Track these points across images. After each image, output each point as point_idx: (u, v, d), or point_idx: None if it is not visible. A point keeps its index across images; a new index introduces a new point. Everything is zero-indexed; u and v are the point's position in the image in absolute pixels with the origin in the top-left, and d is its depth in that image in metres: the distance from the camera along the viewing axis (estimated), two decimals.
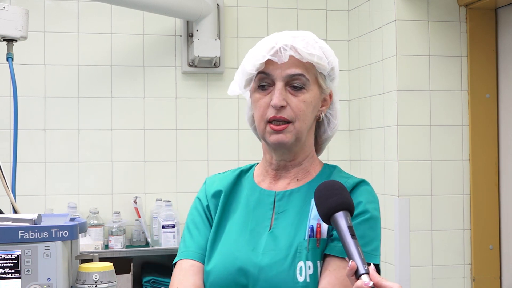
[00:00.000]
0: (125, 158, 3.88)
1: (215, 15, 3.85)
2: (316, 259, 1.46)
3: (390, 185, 3.47)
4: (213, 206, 1.61)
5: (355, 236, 1.27)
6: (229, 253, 1.51)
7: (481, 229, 3.44)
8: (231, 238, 1.54)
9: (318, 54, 1.49)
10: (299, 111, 1.49)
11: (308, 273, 1.44)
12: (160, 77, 3.95)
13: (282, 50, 1.48)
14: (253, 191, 1.59)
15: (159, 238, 3.64)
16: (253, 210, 1.56)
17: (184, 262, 1.56)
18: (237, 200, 1.60)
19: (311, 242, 1.47)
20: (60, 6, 3.85)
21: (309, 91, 1.51)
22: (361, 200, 1.50)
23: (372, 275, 1.22)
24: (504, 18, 3.45)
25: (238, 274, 1.48)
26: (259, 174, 1.63)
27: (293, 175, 1.58)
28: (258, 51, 1.51)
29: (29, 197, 3.71)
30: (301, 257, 1.45)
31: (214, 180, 1.66)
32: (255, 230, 1.53)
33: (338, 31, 4.11)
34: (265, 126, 1.51)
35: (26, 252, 1.41)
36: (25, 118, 3.72)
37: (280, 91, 1.48)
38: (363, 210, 1.49)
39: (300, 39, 1.50)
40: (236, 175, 1.64)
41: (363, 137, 3.87)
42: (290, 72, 1.49)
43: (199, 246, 1.56)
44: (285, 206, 1.54)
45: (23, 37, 2.38)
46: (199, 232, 1.59)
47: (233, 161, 3.95)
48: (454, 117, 3.47)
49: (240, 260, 1.49)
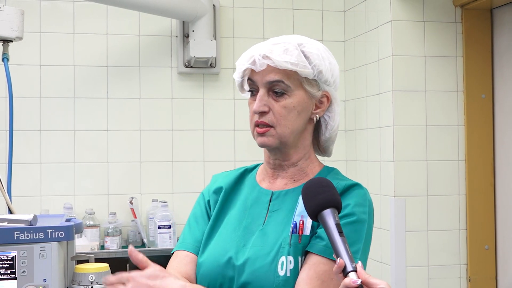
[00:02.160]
0: (121, 158, 3.88)
1: (211, 16, 3.85)
2: (298, 255, 1.49)
3: (386, 185, 3.47)
4: (213, 201, 1.68)
5: (342, 234, 1.28)
6: (221, 247, 1.57)
7: (477, 229, 3.44)
8: (225, 233, 1.60)
9: (293, 61, 1.53)
10: (279, 116, 1.55)
11: (289, 267, 1.48)
12: (156, 77, 3.95)
13: (257, 59, 1.54)
14: (253, 190, 1.65)
15: (155, 239, 3.64)
16: (250, 207, 1.62)
17: (180, 253, 1.64)
18: (237, 198, 1.66)
19: (293, 237, 1.51)
20: (55, 7, 3.85)
21: (292, 96, 1.55)
22: (349, 203, 1.52)
23: (360, 272, 1.23)
24: (499, 19, 3.46)
25: (226, 266, 1.54)
26: (260, 173, 1.68)
27: (290, 175, 1.62)
28: (241, 59, 1.60)
29: (25, 197, 3.70)
30: (283, 252, 1.50)
31: (218, 177, 1.74)
32: (248, 227, 1.58)
33: (334, 32, 4.12)
34: (254, 130, 1.59)
35: (21, 253, 1.40)
36: (21, 119, 3.72)
37: (261, 97, 1.56)
38: (349, 213, 1.51)
39: (280, 47, 1.55)
40: (240, 174, 1.71)
41: (359, 137, 3.87)
42: (269, 79, 1.54)
43: (196, 239, 1.64)
44: (279, 205, 1.59)
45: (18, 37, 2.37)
46: (198, 225, 1.66)
47: (229, 162, 3.95)
48: (449, 117, 3.47)
49: (230, 253, 1.55)
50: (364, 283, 1.22)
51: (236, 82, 1.64)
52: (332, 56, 1.61)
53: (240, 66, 1.59)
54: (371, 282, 1.22)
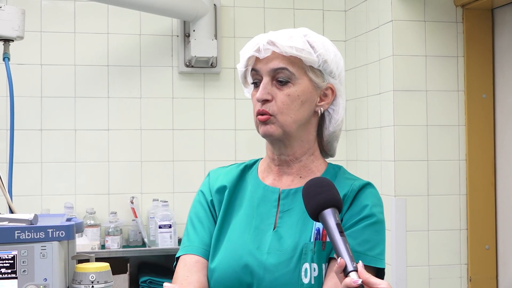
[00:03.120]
0: (121, 158, 3.88)
1: (211, 15, 3.85)
2: (322, 262, 1.47)
3: (387, 185, 3.47)
4: (217, 201, 1.61)
5: (343, 233, 1.28)
6: (234, 250, 1.52)
7: (477, 229, 3.44)
8: (235, 235, 1.54)
9: (299, 47, 1.50)
10: (282, 104, 1.51)
11: (313, 275, 1.46)
12: (157, 77, 3.95)
13: (262, 45, 1.52)
14: (257, 187, 1.60)
15: (156, 238, 3.64)
16: (257, 207, 1.57)
17: (188, 257, 1.56)
18: (242, 196, 1.60)
19: (317, 244, 1.47)
20: (56, 6, 3.85)
21: (295, 84, 1.52)
22: (367, 204, 1.50)
23: (361, 272, 1.23)
24: (500, 19, 3.46)
25: (243, 272, 1.49)
26: (263, 170, 1.63)
27: (295, 172, 1.58)
28: (245, 48, 1.57)
29: (26, 197, 3.70)
30: (306, 259, 1.46)
31: (218, 174, 1.66)
32: (259, 228, 1.53)
33: (335, 31, 4.12)
34: (256, 119, 1.55)
35: (22, 252, 1.40)
36: (22, 118, 3.72)
37: (264, 85, 1.52)
38: (369, 214, 1.49)
39: (285, 34, 1.53)
40: (240, 170, 1.65)
41: (360, 137, 3.87)
42: (273, 66, 1.52)
43: (203, 242, 1.57)
44: (290, 204, 1.55)
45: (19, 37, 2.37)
46: (203, 227, 1.59)
47: (230, 161, 3.94)
48: (450, 117, 3.47)
49: (245, 258, 1.49)
50: (365, 283, 1.22)
51: (239, 73, 1.60)
52: (337, 49, 1.59)
53: (244, 54, 1.56)
54: (371, 282, 1.21)
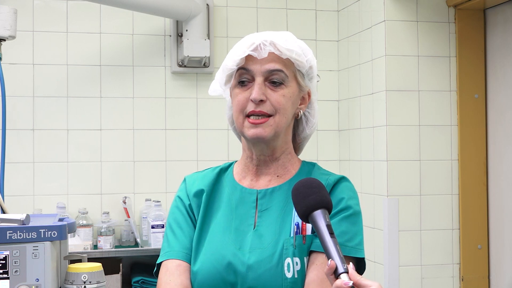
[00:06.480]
0: (114, 158, 3.87)
1: (204, 15, 3.85)
2: (303, 255, 1.49)
3: (379, 185, 3.48)
4: (195, 205, 1.61)
5: (333, 235, 1.28)
6: (216, 251, 1.52)
7: (469, 228, 3.45)
8: (216, 237, 1.55)
9: (297, 51, 1.53)
10: (278, 105, 1.52)
11: (295, 269, 1.47)
12: (150, 77, 3.94)
13: (261, 45, 1.51)
14: (235, 190, 1.61)
15: (149, 238, 3.64)
16: (235, 208, 1.58)
17: (170, 262, 1.56)
18: (219, 199, 1.61)
19: (298, 239, 1.50)
20: (49, 6, 3.84)
21: (288, 87, 1.54)
22: (343, 197, 1.53)
23: (351, 274, 1.23)
24: (492, 19, 3.47)
25: (226, 272, 1.50)
26: (239, 172, 1.65)
27: (273, 171, 1.60)
28: (238, 47, 1.54)
29: (18, 197, 3.69)
30: (288, 253, 1.48)
31: (194, 179, 1.67)
32: (239, 229, 1.55)
33: (328, 31, 4.12)
34: (243, 121, 1.54)
35: (14, 253, 1.40)
36: (14, 118, 3.70)
37: (259, 85, 1.52)
38: (346, 206, 1.52)
39: (280, 36, 1.54)
40: (216, 174, 1.66)
41: (352, 137, 3.88)
42: (269, 67, 1.52)
43: (184, 246, 1.57)
44: (267, 204, 1.57)
45: (11, 36, 2.37)
46: (183, 231, 1.59)
47: (223, 161, 3.89)
48: (443, 117, 3.48)
49: (228, 257, 1.51)
50: (356, 284, 1.22)
51: (227, 71, 1.57)
52: None
53: (239, 53, 1.53)
54: (362, 284, 1.21)
